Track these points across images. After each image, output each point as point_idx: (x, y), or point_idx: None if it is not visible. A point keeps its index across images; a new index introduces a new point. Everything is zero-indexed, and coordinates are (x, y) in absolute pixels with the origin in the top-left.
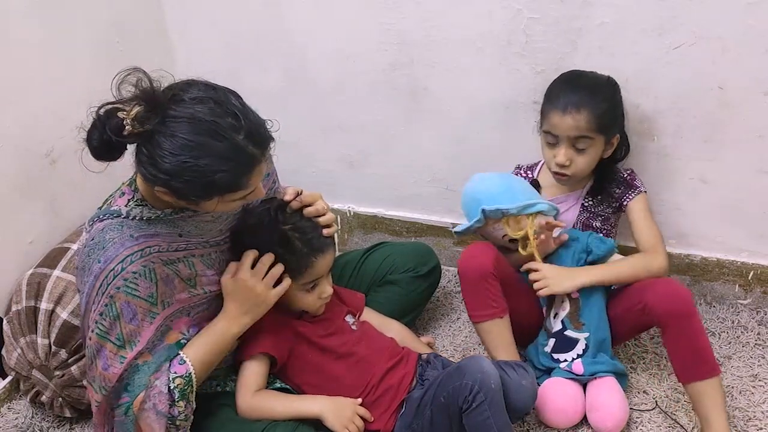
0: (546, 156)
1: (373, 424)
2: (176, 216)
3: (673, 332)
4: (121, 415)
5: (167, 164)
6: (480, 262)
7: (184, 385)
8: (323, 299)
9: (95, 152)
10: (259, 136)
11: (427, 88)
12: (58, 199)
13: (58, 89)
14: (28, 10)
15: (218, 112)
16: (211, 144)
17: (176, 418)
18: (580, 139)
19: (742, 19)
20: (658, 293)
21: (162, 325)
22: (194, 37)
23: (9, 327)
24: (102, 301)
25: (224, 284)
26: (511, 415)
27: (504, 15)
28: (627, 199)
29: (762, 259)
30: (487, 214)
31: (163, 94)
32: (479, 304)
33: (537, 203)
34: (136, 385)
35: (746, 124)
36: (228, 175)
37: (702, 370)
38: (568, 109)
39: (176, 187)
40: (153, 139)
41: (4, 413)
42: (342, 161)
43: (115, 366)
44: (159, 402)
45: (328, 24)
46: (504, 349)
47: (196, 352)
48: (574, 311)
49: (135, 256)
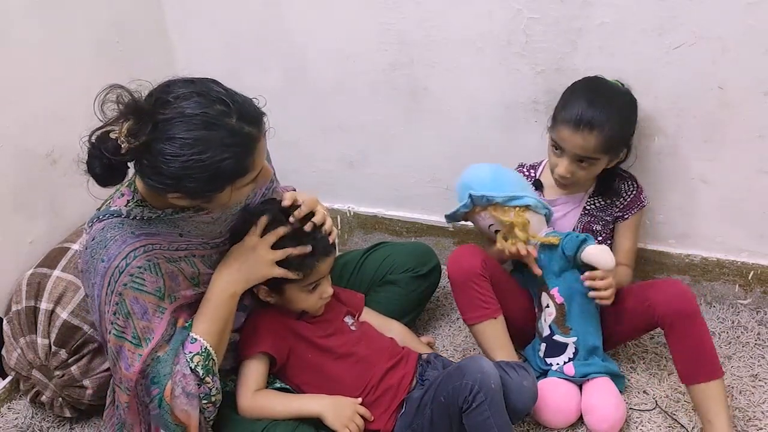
0: (550, 160)
1: (373, 424)
2: (176, 216)
3: (678, 332)
4: (156, 408)
5: (173, 168)
6: (467, 263)
7: (204, 360)
8: (324, 299)
9: (100, 179)
10: (250, 115)
11: (427, 88)
12: (58, 199)
13: (58, 89)
14: (28, 10)
15: (205, 103)
16: (208, 136)
17: (210, 395)
18: (585, 158)
19: (742, 19)
20: (665, 293)
21: (171, 318)
22: (194, 37)
23: (9, 327)
24: (113, 300)
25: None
26: (511, 416)
27: (504, 15)
28: (629, 213)
29: (762, 259)
30: (473, 199)
31: (147, 102)
32: (470, 306)
33: (524, 197)
34: (162, 375)
35: (746, 124)
36: (233, 160)
37: (706, 371)
38: (581, 128)
39: (188, 188)
40: (151, 148)
41: (4, 413)
42: (342, 161)
43: (134, 365)
44: (187, 384)
45: (328, 24)
46: (501, 350)
47: (202, 326)
48: (559, 316)
49: (138, 251)
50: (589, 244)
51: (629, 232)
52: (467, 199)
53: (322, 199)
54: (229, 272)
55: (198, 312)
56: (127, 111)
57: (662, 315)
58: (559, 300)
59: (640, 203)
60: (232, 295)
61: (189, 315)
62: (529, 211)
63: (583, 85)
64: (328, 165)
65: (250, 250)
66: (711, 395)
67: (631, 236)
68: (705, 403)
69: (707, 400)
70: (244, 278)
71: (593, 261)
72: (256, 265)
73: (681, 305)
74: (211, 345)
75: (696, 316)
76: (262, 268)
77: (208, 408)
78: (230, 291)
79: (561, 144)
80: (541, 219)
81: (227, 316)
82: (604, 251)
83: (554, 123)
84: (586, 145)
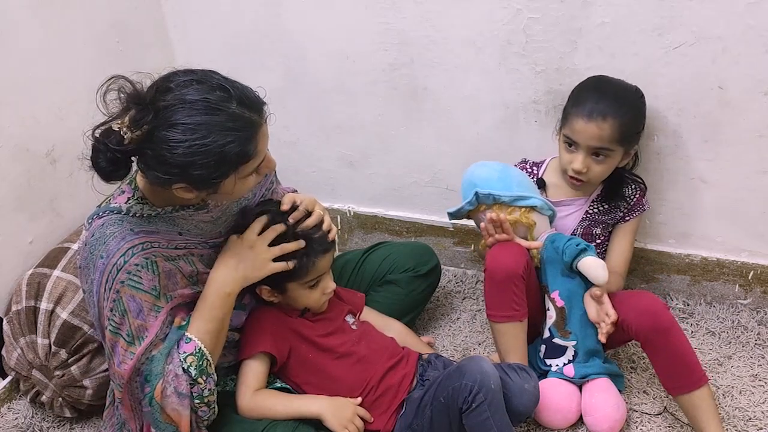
0: (563, 159)
1: (373, 424)
2: (176, 214)
3: (655, 347)
4: (147, 406)
5: (177, 155)
6: (512, 262)
7: (198, 360)
8: (327, 294)
9: (104, 173)
10: (250, 100)
11: (427, 88)
12: (58, 199)
13: (58, 89)
14: (28, 10)
15: (205, 89)
16: (210, 120)
17: (202, 396)
18: (600, 150)
19: (742, 19)
20: (635, 309)
21: (167, 317)
22: (194, 37)
23: (9, 327)
24: (110, 297)
25: (228, 240)
26: (512, 418)
27: (504, 15)
28: (630, 216)
29: (762, 259)
30: (479, 197)
31: (149, 91)
32: (501, 305)
33: (531, 197)
34: (154, 374)
35: (746, 124)
36: (236, 144)
37: (688, 381)
38: (594, 117)
39: (194, 176)
40: (154, 136)
41: (4, 413)
42: (342, 161)
43: (126, 362)
44: (179, 384)
45: (328, 24)
46: (515, 353)
47: (197, 325)
48: (559, 320)
49: (137, 248)
50: (588, 254)
51: (627, 236)
52: (472, 197)
53: (322, 199)
54: (226, 271)
55: (194, 311)
56: (129, 100)
57: (636, 332)
58: (559, 303)
59: (641, 207)
60: (229, 294)
61: (186, 313)
62: (535, 212)
63: (591, 82)
64: (328, 165)
65: (248, 249)
66: (697, 404)
67: (627, 240)
68: (693, 412)
69: (695, 410)
70: (241, 276)
71: (588, 272)
72: (255, 262)
73: (652, 321)
74: (206, 345)
75: (671, 328)
76: (260, 265)
77: (201, 408)
78: (227, 290)
79: (575, 138)
80: (545, 220)
81: (224, 315)
82: (599, 266)
83: (565, 120)
84: (601, 134)
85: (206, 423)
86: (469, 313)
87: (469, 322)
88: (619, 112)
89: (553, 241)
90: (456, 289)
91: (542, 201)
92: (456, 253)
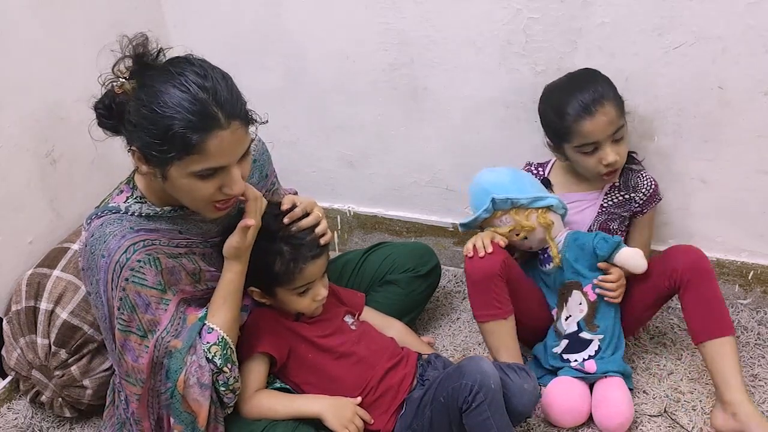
0: (587, 164)
1: (373, 424)
2: (175, 214)
3: (694, 288)
4: (168, 399)
5: (137, 113)
6: (488, 262)
7: (222, 349)
8: (318, 302)
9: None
10: (224, 100)
11: (427, 88)
12: (58, 199)
13: (58, 89)
14: (28, 10)
15: (188, 69)
16: (174, 93)
17: (227, 383)
18: (616, 131)
19: (742, 19)
20: (679, 251)
21: (176, 311)
22: (194, 37)
23: (9, 327)
24: (117, 296)
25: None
26: (512, 418)
27: (504, 15)
28: (648, 207)
29: (762, 259)
30: (496, 203)
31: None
32: (483, 304)
33: (547, 197)
34: (173, 370)
35: (746, 124)
36: (182, 125)
37: (719, 327)
38: (594, 109)
39: (143, 140)
40: (136, 93)
41: (4, 413)
42: (342, 161)
43: (142, 356)
44: (201, 375)
45: (328, 24)
46: (506, 351)
47: (218, 314)
48: (590, 314)
49: (138, 245)
50: (623, 246)
51: (648, 225)
52: (488, 204)
53: (322, 199)
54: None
55: (212, 302)
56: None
57: (682, 271)
58: (592, 297)
59: (657, 197)
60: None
61: (197, 310)
62: (550, 212)
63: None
64: (328, 165)
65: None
66: (724, 352)
67: (649, 228)
68: (719, 361)
69: (721, 358)
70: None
71: (626, 263)
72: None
73: (696, 261)
74: (228, 333)
75: (712, 275)
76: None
77: (227, 395)
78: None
79: (592, 138)
80: (559, 219)
81: (238, 304)
82: (638, 255)
83: (566, 135)
84: (610, 118)
85: (229, 410)
86: (469, 313)
87: (469, 322)
88: (601, 89)
89: (577, 239)
90: (456, 289)
91: (557, 199)
92: (456, 253)
